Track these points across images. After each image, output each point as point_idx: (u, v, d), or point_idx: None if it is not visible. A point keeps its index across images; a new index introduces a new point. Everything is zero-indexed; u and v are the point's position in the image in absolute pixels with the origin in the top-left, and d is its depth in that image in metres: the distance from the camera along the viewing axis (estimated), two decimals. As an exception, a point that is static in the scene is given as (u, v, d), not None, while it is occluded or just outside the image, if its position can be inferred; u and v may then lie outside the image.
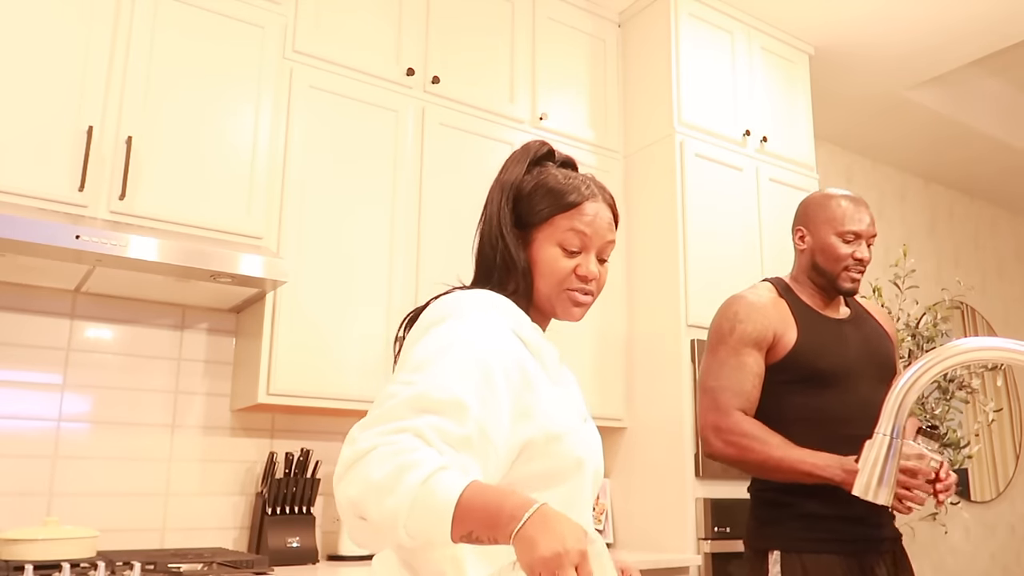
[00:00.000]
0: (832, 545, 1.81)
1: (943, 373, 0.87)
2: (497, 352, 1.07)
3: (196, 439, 2.55)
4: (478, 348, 1.06)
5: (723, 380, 1.89)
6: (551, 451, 1.09)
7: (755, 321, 1.92)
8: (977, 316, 5.23)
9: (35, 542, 1.97)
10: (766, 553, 1.86)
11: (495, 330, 1.10)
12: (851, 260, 1.95)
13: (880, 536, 1.86)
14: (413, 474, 0.89)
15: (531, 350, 1.14)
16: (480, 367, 1.04)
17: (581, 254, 1.22)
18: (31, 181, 2.11)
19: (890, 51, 3.75)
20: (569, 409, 1.16)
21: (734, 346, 1.91)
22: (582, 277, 1.21)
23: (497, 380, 1.04)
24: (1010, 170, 5.10)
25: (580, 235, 1.21)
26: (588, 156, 3.24)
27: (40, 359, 2.37)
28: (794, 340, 1.90)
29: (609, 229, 1.24)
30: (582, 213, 1.21)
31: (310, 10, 2.68)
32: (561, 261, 1.21)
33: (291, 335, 2.43)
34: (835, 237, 1.96)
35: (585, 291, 1.22)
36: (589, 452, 1.14)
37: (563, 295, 1.21)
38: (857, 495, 0.95)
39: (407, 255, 2.70)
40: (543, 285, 1.21)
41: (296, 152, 2.56)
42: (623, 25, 3.50)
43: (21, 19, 2.18)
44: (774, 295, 1.99)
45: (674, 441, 2.89)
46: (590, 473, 1.15)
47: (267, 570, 2.15)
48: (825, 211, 1.99)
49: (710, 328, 2.00)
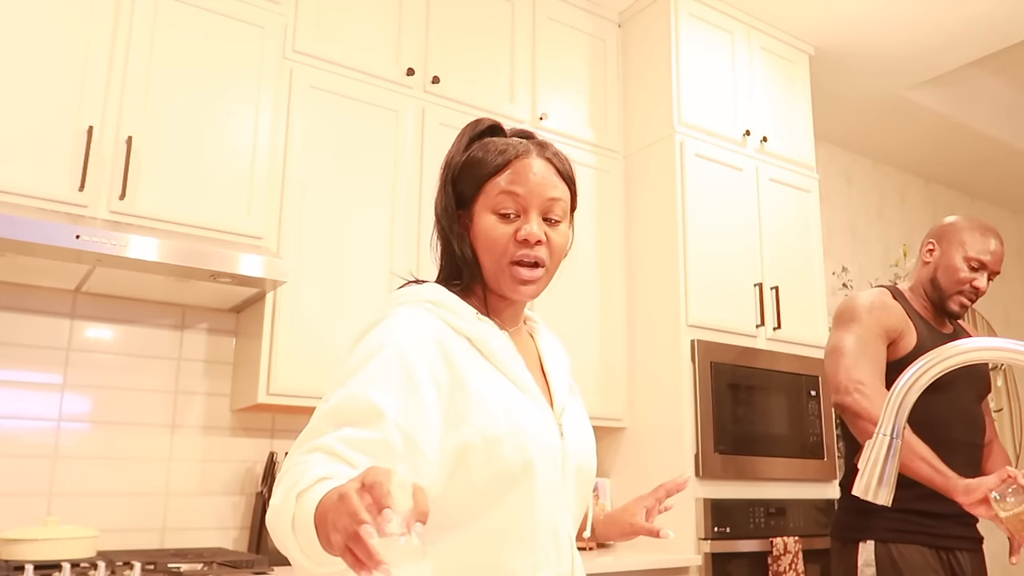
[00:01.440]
0: (925, 538, 1.97)
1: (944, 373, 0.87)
2: (421, 353, 1.01)
3: (196, 439, 2.55)
4: (401, 351, 1.00)
5: (867, 352, 1.99)
6: (493, 456, 1.00)
7: (887, 313, 2.05)
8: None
9: (35, 542, 1.97)
10: (857, 543, 2.00)
11: (421, 330, 1.03)
12: (968, 287, 2.09)
13: (968, 535, 2.05)
14: (293, 491, 0.83)
15: (475, 345, 1.07)
16: (402, 371, 0.98)
17: (520, 217, 1.11)
18: (31, 181, 2.11)
19: (890, 51, 3.74)
20: (516, 404, 1.05)
21: (869, 327, 2.02)
22: (523, 241, 1.09)
23: (421, 382, 0.98)
24: (1010, 170, 5.10)
25: (512, 196, 1.10)
26: (588, 156, 3.24)
27: (40, 359, 2.37)
28: (914, 343, 2.03)
29: (550, 185, 1.12)
30: (513, 171, 1.11)
31: (310, 10, 2.68)
32: (498, 228, 1.10)
33: (291, 335, 2.43)
34: (962, 260, 2.09)
35: (530, 259, 1.10)
36: (543, 452, 1.04)
37: (506, 271, 1.10)
38: (857, 495, 0.95)
39: (407, 255, 2.70)
40: (488, 261, 1.12)
41: (296, 152, 2.56)
42: (623, 25, 3.49)
43: (21, 19, 2.18)
44: (893, 300, 2.12)
45: (674, 441, 2.89)
46: (548, 474, 1.05)
47: (267, 570, 2.15)
48: (960, 233, 2.12)
49: (838, 312, 2.11)
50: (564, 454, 1.09)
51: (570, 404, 1.17)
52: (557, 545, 1.07)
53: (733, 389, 2.99)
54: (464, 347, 1.06)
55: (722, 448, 2.90)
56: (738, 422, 2.97)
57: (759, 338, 3.16)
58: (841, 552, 2.07)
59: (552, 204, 1.12)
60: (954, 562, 2.01)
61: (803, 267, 3.41)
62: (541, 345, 1.22)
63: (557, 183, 1.14)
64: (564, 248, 1.15)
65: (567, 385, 1.20)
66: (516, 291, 1.12)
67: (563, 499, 1.09)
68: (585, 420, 1.20)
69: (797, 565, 2.85)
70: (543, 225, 1.11)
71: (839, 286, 4.40)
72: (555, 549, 1.06)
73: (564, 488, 1.09)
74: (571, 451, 1.11)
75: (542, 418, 1.08)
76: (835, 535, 2.13)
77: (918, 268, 2.20)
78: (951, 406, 2.01)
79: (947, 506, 1.97)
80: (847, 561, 2.03)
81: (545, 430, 1.07)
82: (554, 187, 1.13)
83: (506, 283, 1.11)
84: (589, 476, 1.16)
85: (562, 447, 1.09)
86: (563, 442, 1.10)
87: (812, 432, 3.17)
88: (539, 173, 1.12)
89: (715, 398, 2.92)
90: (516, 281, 1.11)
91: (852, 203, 4.78)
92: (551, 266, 1.14)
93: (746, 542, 2.86)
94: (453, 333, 1.06)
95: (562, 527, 1.08)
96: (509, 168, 1.12)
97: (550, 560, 1.05)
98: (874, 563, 1.97)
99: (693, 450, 2.85)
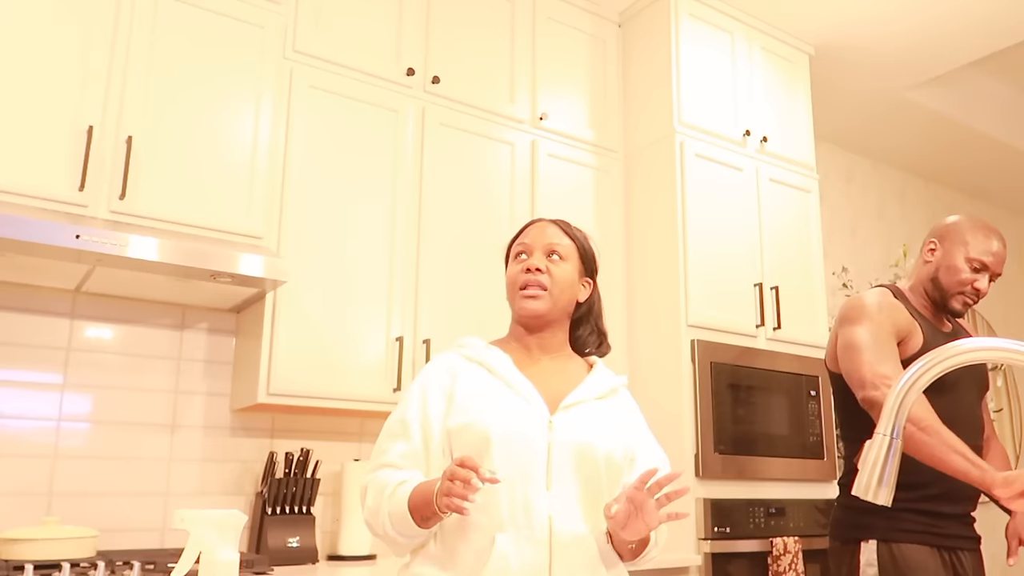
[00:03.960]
0: (928, 538, 1.97)
1: (944, 373, 0.87)
2: (435, 377, 1.47)
3: (196, 439, 2.55)
4: (424, 378, 1.48)
5: (885, 348, 1.97)
6: (464, 434, 1.39)
7: (898, 312, 2.05)
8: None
9: (35, 542, 1.97)
10: (858, 543, 2.00)
11: (439, 363, 1.50)
12: (970, 287, 2.09)
13: (969, 535, 2.05)
14: (384, 495, 1.36)
15: (484, 366, 1.46)
16: (420, 388, 1.47)
17: (528, 258, 1.51)
18: (31, 181, 2.11)
19: (890, 51, 3.74)
20: (497, 401, 1.40)
21: (882, 324, 2.01)
22: (529, 268, 1.48)
23: (431, 393, 1.45)
24: (1010, 170, 5.10)
25: (521, 245, 1.53)
26: (588, 156, 3.24)
27: (40, 359, 2.37)
28: (920, 342, 2.02)
29: (551, 235, 1.53)
30: (522, 235, 1.56)
31: (310, 10, 2.68)
32: (514, 267, 1.53)
33: (291, 335, 2.43)
34: (964, 261, 2.08)
35: (532, 282, 1.47)
36: (506, 435, 1.35)
37: (517, 295, 1.50)
38: (857, 495, 0.95)
39: (407, 255, 2.70)
40: (510, 294, 1.53)
41: (296, 152, 2.56)
42: (623, 25, 3.49)
43: (21, 19, 2.18)
44: (896, 299, 2.10)
45: (674, 441, 2.89)
46: (513, 453, 1.35)
47: (267, 570, 2.15)
48: (963, 234, 2.11)
49: (845, 311, 2.09)
50: (550, 442, 1.38)
51: (584, 408, 1.45)
52: (528, 516, 1.33)
53: (733, 389, 2.99)
54: (472, 368, 1.47)
55: (722, 448, 2.90)
56: (738, 422, 2.97)
57: (759, 338, 3.16)
58: (841, 552, 2.06)
59: (554, 247, 1.51)
60: (956, 562, 2.01)
61: (803, 267, 3.41)
62: (590, 374, 1.54)
63: (562, 237, 1.54)
64: (566, 279, 1.50)
65: (593, 397, 1.48)
66: (522, 307, 1.49)
67: (538, 478, 1.35)
68: (597, 420, 1.44)
69: (797, 565, 2.85)
70: (545, 260, 1.50)
71: (839, 286, 4.40)
72: (525, 518, 1.33)
73: (547, 470, 1.36)
74: (559, 440, 1.38)
75: (525, 412, 1.40)
76: (834, 535, 2.12)
77: (919, 267, 2.19)
78: (955, 407, 2.01)
79: (949, 506, 1.99)
80: (848, 561, 2.02)
81: (519, 420, 1.38)
82: (558, 237, 1.53)
83: (516, 303, 1.51)
84: (589, 463, 1.39)
85: (547, 437, 1.38)
86: (550, 432, 1.39)
87: (812, 432, 3.17)
88: (543, 229, 1.54)
89: (715, 398, 2.92)
90: (522, 298, 1.48)
91: (852, 203, 4.78)
92: (554, 290, 1.48)
93: (746, 542, 2.86)
94: (465, 361, 1.48)
95: (535, 500, 1.34)
96: (522, 233, 1.57)
97: (518, 526, 1.33)
98: (876, 563, 1.96)
99: (693, 450, 2.85)
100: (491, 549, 1.30)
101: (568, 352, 1.57)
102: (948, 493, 1.99)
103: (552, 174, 3.11)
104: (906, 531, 1.97)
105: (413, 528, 1.32)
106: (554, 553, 1.32)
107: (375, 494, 1.37)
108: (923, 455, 1.84)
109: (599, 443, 1.40)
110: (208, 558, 1.20)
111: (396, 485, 1.35)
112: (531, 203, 3.03)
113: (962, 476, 1.81)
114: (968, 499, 2.06)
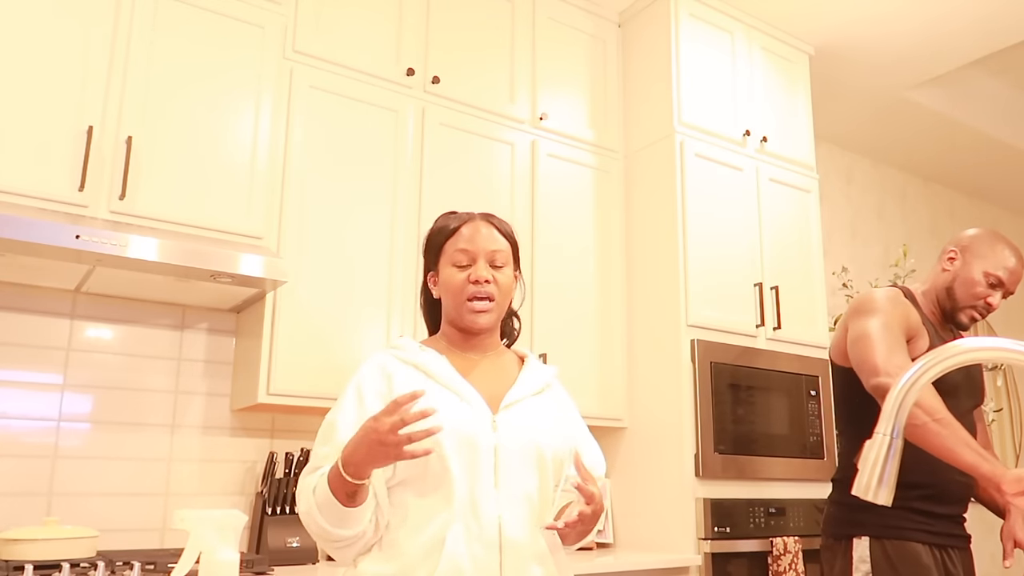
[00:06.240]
0: (920, 535, 1.98)
1: (944, 373, 0.87)
2: (368, 376, 1.46)
3: (196, 439, 2.55)
4: (358, 381, 1.46)
5: (897, 341, 1.97)
6: None
7: (909, 311, 2.06)
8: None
9: (35, 542, 1.97)
10: (851, 539, 2.01)
11: (375, 361, 1.48)
12: (982, 302, 2.10)
13: (960, 533, 2.08)
14: (311, 492, 1.36)
15: (419, 368, 1.45)
16: (355, 390, 1.45)
17: (471, 266, 1.48)
18: (31, 181, 2.11)
19: (890, 51, 3.74)
20: (436, 403, 1.35)
21: (895, 318, 2.01)
22: (475, 281, 1.46)
23: (366, 396, 1.42)
24: (1010, 170, 5.10)
25: (464, 251, 1.49)
26: (588, 156, 3.24)
27: (40, 359, 2.37)
28: (926, 347, 2.02)
29: (491, 239, 1.51)
30: (460, 234, 1.51)
31: (310, 10, 2.68)
32: (457, 275, 1.49)
33: (291, 335, 2.43)
34: (981, 275, 2.09)
35: (481, 295, 1.47)
36: (450, 433, 1.34)
37: (464, 306, 1.48)
38: (857, 495, 0.95)
39: (407, 255, 2.70)
40: (450, 304, 1.51)
41: (296, 152, 2.56)
42: (623, 25, 3.49)
43: (21, 19, 2.18)
44: (907, 301, 2.11)
45: (674, 441, 2.89)
46: (462, 452, 1.35)
47: (267, 570, 2.15)
48: (984, 247, 2.12)
49: (857, 305, 2.09)
50: (496, 442, 1.39)
51: (524, 405, 1.47)
52: (476, 513, 1.34)
53: (733, 389, 2.99)
54: (408, 371, 1.45)
55: (722, 448, 2.90)
56: (738, 422, 2.97)
57: (759, 338, 3.16)
58: (834, 548, 2.07)
59: (496, 254, 1.50)
60: (947, 560, 2.02)
61: (803, 267, 3.41)
62: (524, 370, 1.55)
63: (499, 240, 1.52)
64: (510, 287, 1.53)
65: (531, 393, 1.50)
66: (471, 319, 1.48)
67: (486, 478, 1.36)
68: (538, 416, 1.47)
69: (797, 565, 2.85)
70: (490, 270, 1.49)
71: (839, 286, 4.40)
72: (473, 516, 1.34)
73: (495, 469, 1.37)
74: (504, 439, 1.40)
75: (467, 414, 1.40)
76: (827, 531, 2.12)
77: (935, 274, 2.19)
78: (952, 413, 2.01)
79: (942, 507, 2.01)
80: (841, 557, 2.03)
81: (463, 422, 1.38)
82: (496, 242, 1.52)
83: (462, 315, 1.48)
84: (536, 460, 1.42)
85: (493, 437, 1.39)
86: (495, 432, 1.40)
87: (812, 432, 3.17)
88: (483, 233, 1.51)
89: (715, 398, 2.92)
90: (472, 312, 1.47)
91: (852, 203, 4.78)
92: (500, 300, 1.50)
93: (746, 542, 2.86)
94: (399, 363, 1.46)
95: (483, 499, 1.35)
96: (458, 231, 1.52)
97: (468, 524, 1.34)
98: (869, 559, 1.97)
99: (693, 450, 2.85)
100: (441, 548, 1.31)
101: (500, 348, 1.59)
102: (941, 494, 2.01)
103: (552, 174, 3.11)
104: (899, 528, 1.98)
105: (340, 510, 1.30)
106: (504, 553, 1.35)
107: (305, 497, 1.37)
108: (934, 446, 1.83)
109: (543, 439, 1.44)
110: (208, 558, 1.20)
111: (318, 479, 1.34)
112: (531, 203, 3.03)
113: (971, 469, 1.80)
114: (960, 500, 2.08)
